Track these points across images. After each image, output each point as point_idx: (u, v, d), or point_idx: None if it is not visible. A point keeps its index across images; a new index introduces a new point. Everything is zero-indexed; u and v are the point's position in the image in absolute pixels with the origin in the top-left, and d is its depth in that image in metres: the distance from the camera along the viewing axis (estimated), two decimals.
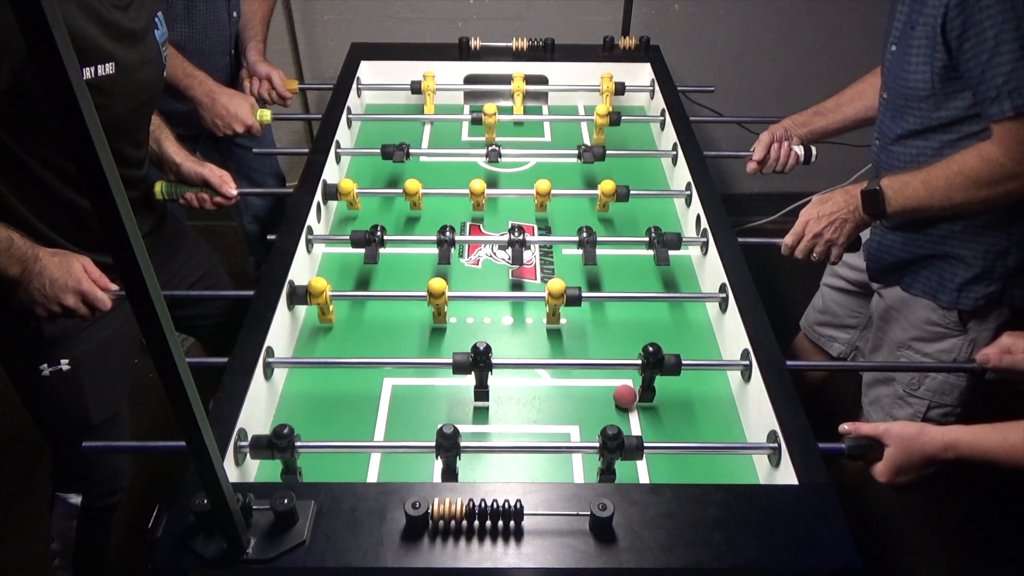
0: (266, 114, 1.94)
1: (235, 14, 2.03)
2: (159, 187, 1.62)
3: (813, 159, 1.79)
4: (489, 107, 1.88)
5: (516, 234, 1.52)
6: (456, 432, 1.08)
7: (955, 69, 1.32)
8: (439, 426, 1.08)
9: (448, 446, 1.08)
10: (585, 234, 1.53)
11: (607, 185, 1.64)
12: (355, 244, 1.52)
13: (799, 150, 1.77)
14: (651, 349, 1.22)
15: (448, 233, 1.52)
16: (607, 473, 1.11)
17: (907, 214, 1.43)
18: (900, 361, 1.63)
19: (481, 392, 1.26)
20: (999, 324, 1.50)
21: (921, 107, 1.41)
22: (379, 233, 1.51)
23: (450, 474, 1.11)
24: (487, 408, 1.29)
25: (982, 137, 1.34)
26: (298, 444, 1.09)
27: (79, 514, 1.66)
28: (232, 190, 1.60)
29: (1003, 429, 1.06)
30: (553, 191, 1.66)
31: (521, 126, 2.05)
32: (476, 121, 1.89)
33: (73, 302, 1.29)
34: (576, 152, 1.79)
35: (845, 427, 1.15)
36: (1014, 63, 1.24)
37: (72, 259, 1.30)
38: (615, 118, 1.89)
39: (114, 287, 1.34)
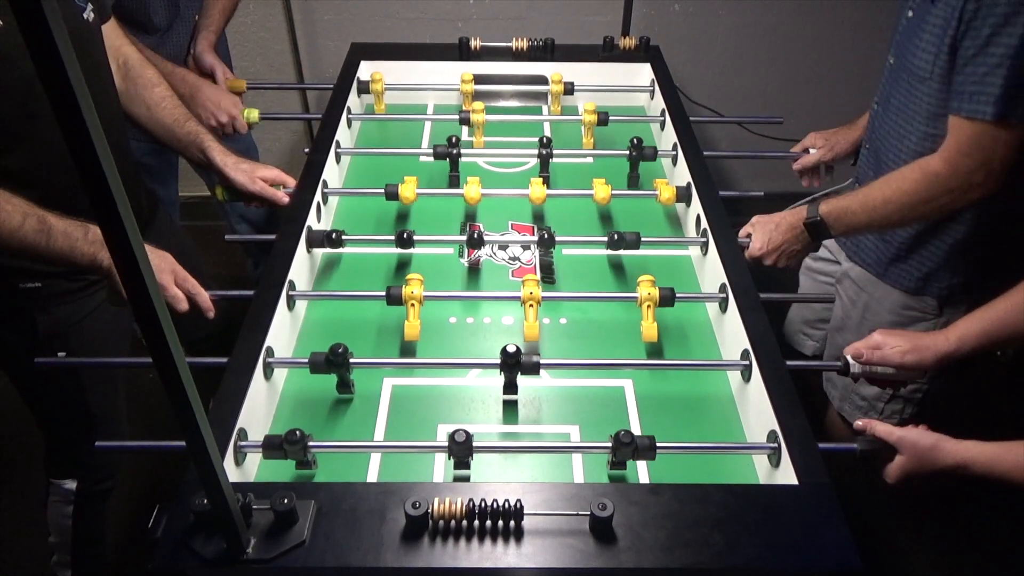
0: (253, 113, 1.91)
1: (196, 16, 2.02)
2: (220, 190, 1.63)
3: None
4: (477, 104, 1.88)
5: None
6: (469, 438, 1.09)
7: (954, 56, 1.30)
8: (451, 432, 1.09)
9: (461, 453, 1.09)
10: (546, 234, 1.52)
11: (670, 190, 1.64)
12: (311, 245, 1.50)
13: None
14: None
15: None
16: (618, 464, 1.12)
17: (851, 234, 1.50)
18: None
19: (510, 388, 1.26)
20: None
21: (919, 88, 1.39)
22: (336, 235, 1.50)
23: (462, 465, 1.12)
24: (487, 408, 1.29)
25: None
26: (311, 444, 1.11)
27: (74, 500, 1.67)
28: (292, 181, 1.63)
29: (1017, 450, 1.06)
30: (549, 192, 1.66)
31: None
32: (464, 121, 1.89)
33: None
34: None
35: (860, 424, 1.16)
36: (990, 68, 1.23)
37: (160, 255, 1.33)
38: (603, 118, 1.88)
39: (203, 293, 1.35)
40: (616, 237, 1.51)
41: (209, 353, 1.25)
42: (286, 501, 0.94)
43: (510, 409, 1.29)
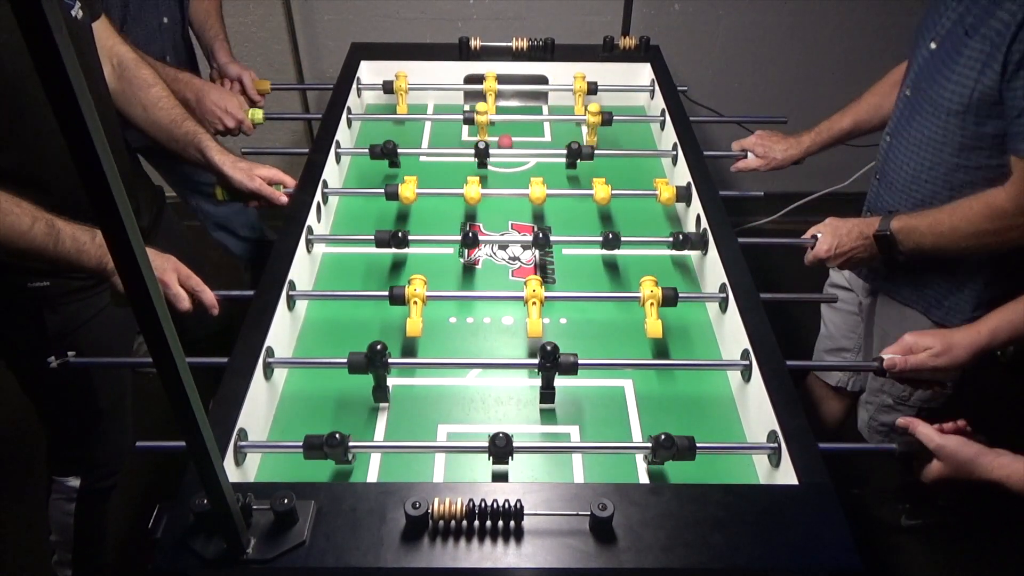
0: (258, 113, 1.94)
1: (166, 20, 1.99)
2: (219, 190, 1.63)
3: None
4: (481, 106, 1.87)
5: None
6: (508, 439, 1.10)
7: (999, 94, 1.28)
8: (491, 436, 1.10)
9: (501, 455, 1.10)
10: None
11: (670, 189, 1.64)
12: (379, 244, 1.51)
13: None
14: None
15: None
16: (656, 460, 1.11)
17: (919, 254, 1.45)
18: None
19: (547, 393, 1.26)
20: None
21: (949, 120, 1.37)
22: (400, 234, 1.51)
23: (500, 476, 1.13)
24: (487, 409, 1.29)
25: (994, 172, 1.33)
26: (352, 444, 1.12)
27: (77, 497, 1.68)
28: (291, 181, 1.63)
29: None
30: (549, 192, 1.66)
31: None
32: (468, 121, 1.89)
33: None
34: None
35: (902, 422, 1.16)
36: None
37: (164, 256, 1.33)
38: (607, 118, 1.89)
39: (208, 291, 1.34)
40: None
41: (209, 353, 1.25)
42: (286, 501, 0.94)
43: (509, 409, 1.29)
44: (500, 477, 1.16)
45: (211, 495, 0.84)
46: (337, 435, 1.09)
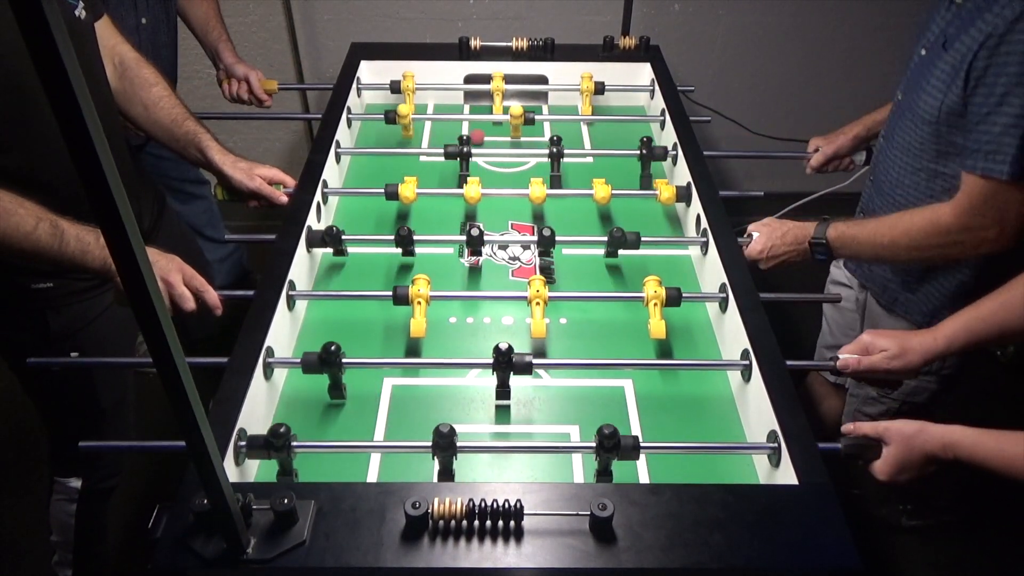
0: None
1: (144, 20, 1.95)
2: (219, 190, 1.62)
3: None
4: (403, 108, 1.89)
5: (474, 232, 1.51)
6: (452, 431, 1.08)
7: (964, 107, 1.29)
8: (436, 425, 1.08)
9: (444, 445, 1.08)
10: (546, 232, 1.51)
11: (670, 189, 1.65)
12: (311, 245, 1.50)
13: (858, 158, 1.87)
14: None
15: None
16: (604, 474, 1.11)
17: (853, 260, 1.49)
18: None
19: (503, 392, 1.26)
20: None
21: (925, 128, 1.39)
22: (335, 232, 1.49)
23: (446, 475, 1.11)
24: (487, 408, 1.29)
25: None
26: (295, 444, 1.09)
27: (78, 498, 1.68)
28: (291, 180, 1.62)
29: (1001, 438, 1.06)
30: (549, 192, 1.66)
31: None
32: (390, 120, 1.91)
33: (161, 288, 1.30)
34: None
35: (848, 427, 1.16)
36: (1004, 127, 1.22)
37: (168, 257, 1.33)
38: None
39: (211, 291, 1.34)
40: (617, 235, 1.50)
41: (209, 353, 1.25)
42: (286, 501, 0.94)
43: (510, 409, 1.29)
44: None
45: (211, 495, 0.84)
46: (282, 428, 1.07)
